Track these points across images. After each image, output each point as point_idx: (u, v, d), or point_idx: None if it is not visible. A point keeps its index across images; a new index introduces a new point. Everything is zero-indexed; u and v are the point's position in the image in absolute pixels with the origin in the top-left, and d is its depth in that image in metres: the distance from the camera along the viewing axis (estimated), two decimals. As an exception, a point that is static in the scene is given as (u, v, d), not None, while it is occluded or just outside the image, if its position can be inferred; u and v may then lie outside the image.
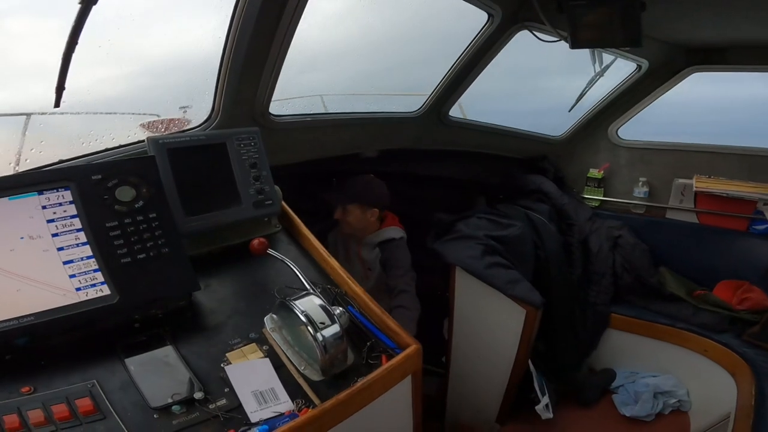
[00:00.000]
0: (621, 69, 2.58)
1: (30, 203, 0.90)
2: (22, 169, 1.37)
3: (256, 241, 1.21)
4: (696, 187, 2.64)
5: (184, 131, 1.50)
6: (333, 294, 1.25)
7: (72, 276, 0.92)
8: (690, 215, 2.71)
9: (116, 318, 1.00)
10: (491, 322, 2.02)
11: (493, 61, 2.18)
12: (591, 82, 2.55)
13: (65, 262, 0.92)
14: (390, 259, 2.12)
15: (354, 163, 2.34)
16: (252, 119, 1.57)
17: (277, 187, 1.38)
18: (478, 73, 2.20)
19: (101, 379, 0.91)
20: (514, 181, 2.77)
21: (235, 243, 1.33)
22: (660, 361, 2.37)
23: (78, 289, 0.93)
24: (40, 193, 0.91)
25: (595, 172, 2.92)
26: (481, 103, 2.71)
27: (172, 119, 1.97)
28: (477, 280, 1.97)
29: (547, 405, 2.04)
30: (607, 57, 2.41)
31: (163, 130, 1.88)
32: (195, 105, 1.79)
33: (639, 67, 2.52)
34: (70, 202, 0.93)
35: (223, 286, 1.22)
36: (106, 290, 0.95)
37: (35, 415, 0.81)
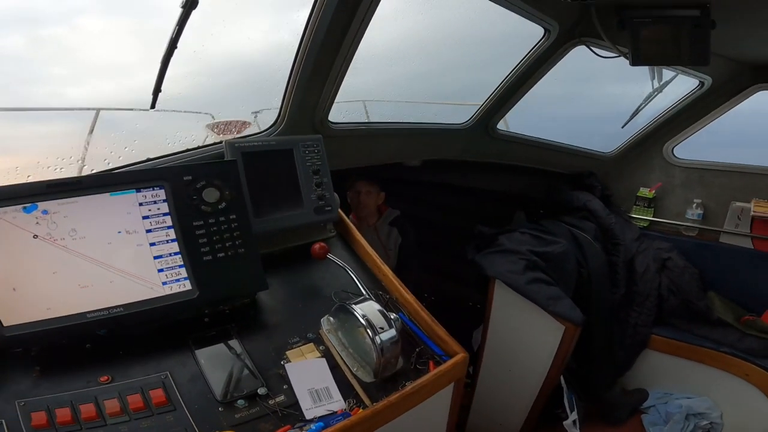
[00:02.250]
0: (681, 85, 2.54)
1: (128, 200, 1.02)
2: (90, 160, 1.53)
3: (317, 246, 1.29)
4: (754, 212, 2.58)
5: (247, 136, 1.60)
6: (385, 300, 1.32)
7: (160, 270, 1.03)
8: (745, 240, 2.64)
9: (192, 312, 1.09)
10: (527, 337, 2.06)
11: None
12: (648, 98, 2.53)
13: (155, 257, 1.03)
14: (407, 232, 2.42)
15: (397, 172, 2.42)
16: (311, 126, 1.66)
17: (335, 194, 1.46)
18: (530, 88, 2.24)
19: (173, 370, 1.01)
20: (559, 197, 2.77)
21: (294, 245, 1.43)
22: (696, 383, 2.38)
23: (164, 284, 1.04)
24: (138, 190, 1.04)
25: (646, 192, 2.88)
26: (525, 115, 2.72)
27: (231, 121, 2.10)
28: (516, 294, 2.01)
29: (575, 421, 2.06)
30: (667, 72, 2.39)
31: (223, 130, 2.01)
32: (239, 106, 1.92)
33: (701, 83, 2.48)
34: (164, 201, 1.05)
35: (283, 286, 1.31)
36: (188, 285, 1.06)
37: (111, 405, 0.90)
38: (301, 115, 1.60)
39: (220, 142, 1.40)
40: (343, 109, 2.14)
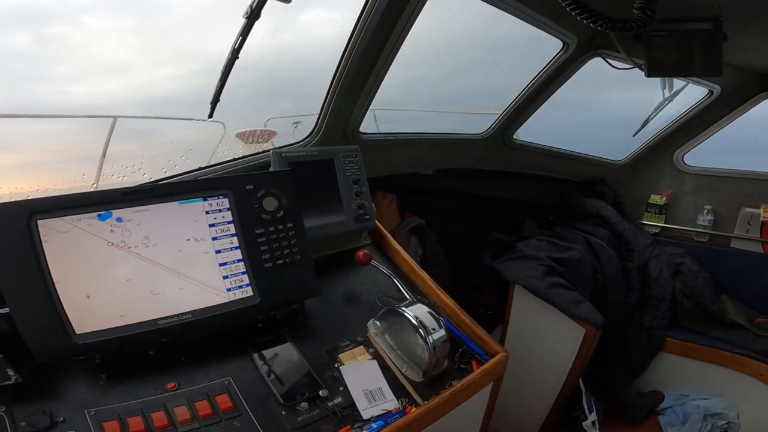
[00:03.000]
0: (690, 93, 2.63)
1: (196, 208, 1.08)
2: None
3: (361, 253, 1.36)
4: (764, 217, 2.68)
5: (289, 145, 1.67)
6: (426, 304, 1.38)
7: (225, 277, 1.10)
8: (755, 245, 2.74)
9: (252, 318, 1.15)
10: (547, 340, 2.13)
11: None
12: (659, 107, 2.63)
13: (221, 264, 1.09)
14: (428, 241, 2.43)
15: (411, 180, 2.49)
16: (344, 136, 1.73)
17: (372, 204, 1.53)
18: (547, 98, 2.34)
19: (234, 375, 1.05)
20: (571, 204, 2.86)
21: (334, 252, 1.49)
22: (712, 384, 2.45)
23: (229, 290, 1.10)
24: (205, 199, 1.09)
25: (657, 199, 2.97)
26: (537, 122, 2.80)
27: (256, 130, 2.17)
28: (535, 299, 2.09)
29: (594, 422, 2.13)
30: (677, 82, 2.48)
31: (251, 139, 2.08)
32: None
33: (711, 92, 2.58)
34: (228, 209, 1.11)
35: (327, 292, 1.38)
36: (250, 292, 1.12)
37: (181, 412, 0.92)
38: (336, 125, 1.68)
39: (266, 151, 1.47)
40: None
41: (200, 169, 1.41)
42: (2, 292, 0.93)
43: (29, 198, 0.97)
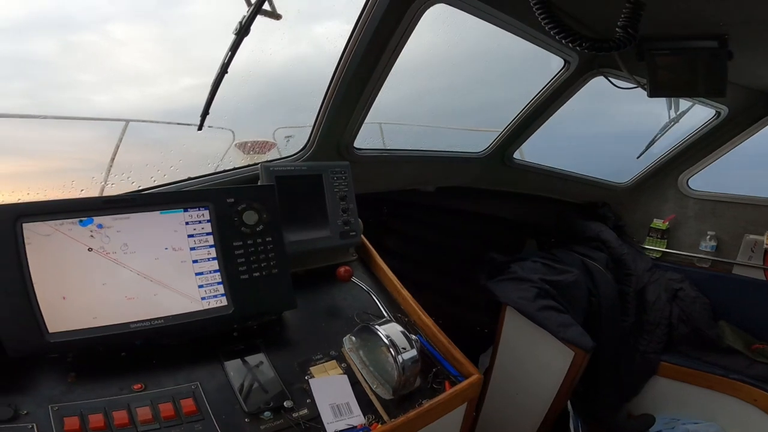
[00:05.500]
0: (697, 114, 2.62)
1: (176, 218, 1.13)
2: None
3: (342, 269, 1.39)
4: (767, 244, 2.64)
5: (279, 159, 1.72)
6: (404, 322, 1.41)
7: (200, 286, 1.14)
8: (758, 272, 2.72)
9: (225, 326, 1.18)
10: (536, 361, 2.15)
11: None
12: (664, 129, 2.62)
13: (197, 274, 1.14)
14: None
15: (411, 196, 2.51)
16: (337, 151, 1.77)
17: (359, 220, 1.55)
18: (548, 118, 2.35)
19: (203, 381, 1.09)
20: (571, 226, 2.87)
21: (317, 267, 1.52)
22: (704, 409, 2.44)
23: (203, 299, 1.14)
24: (186, 210, 1.14)
25: (659, 223, 2.95)
26: (539, 142, 2.81)
27: (257, 141, 2.23)
28: (526, 320, 2.11)
29: None
30: (684, 102, 2.46)
31: (250, 150, 2.14)
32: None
33: (718, 113, 2.56)
34: (207, 221, 1.16)
35: (307, 305, 1.41)
36: (224, 301, 1.16)
37: (143, 413, 0.95)
38: (329, 140, 1.72)
39: (255, 164, 1.51)
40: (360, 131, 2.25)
41: (189, 179, 1.45)
42: None
43: (17, 202, 1.02)
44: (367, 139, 2.11)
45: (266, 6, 1.18)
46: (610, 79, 2.17)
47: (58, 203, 1.04)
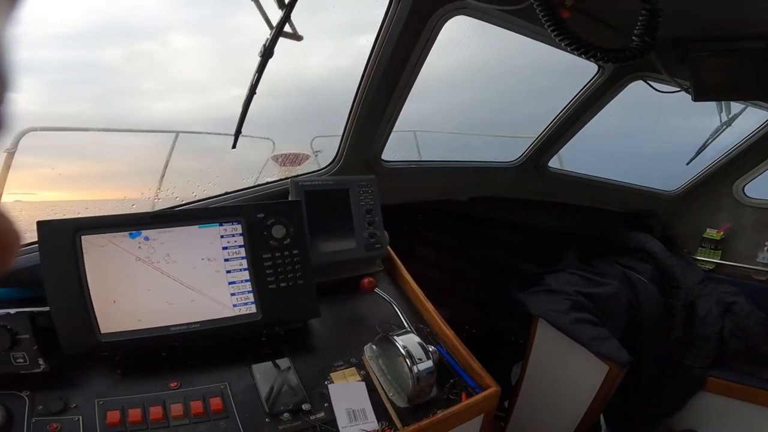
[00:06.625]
0: (751, 117, 2.46)
1: (212, 232, 1.25)
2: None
3: (366, 280, 1.45)
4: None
5: (309, 173, 1.81)
6: (425, 333, 1.45)
7: (233, 294, 1.25)
8: (822, 285, 2.50)
9: (253, 332, 1.27)
10: (568, 374, 2.13)
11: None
12: (715, 133, 2.49)
13: (230, 283, 1.25)
14: None
15: (444, 205, 2.54)
16: (365, 164, 1.84)
17: (385, 232, 1.61)
18: (584, 125, 2.31)
19: (231, 382, 1.19)
20: (615, 237, 2.78)
21: (343, 277, 1.60)
22: (753, 426, 2.31)
23: (234, 306, 1.25)
24: (221, 224, 1.26)
25: (712, 233, 2.78)
26: (579, 149, 2.74)
27: (291, 154, 2.36)
28: (559, 333, 2.09)
29: None
30: (736, 105, 2.34)
31: (285, 162, 2.27)
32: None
33: (774, 116, 2.40)
34: (240, 234, 1.27)
35: (332, 314, 1.49)
36: (253, 309, 1.26)
37: (176, 409, 1.06)
38: (356, 153, 1.80)
39: (286, 179, 1.61)
40: (393, 139, 2.31)
41: (226, 193, 1.58)
42: (46, 293, 1.12)
43: (76, 217, 1.17)
44: (399, 147, 2.17)
45: (287, 29, 1.27)
46: (650, 83, 2.11)
47: (111, 218, 1.19)
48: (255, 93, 1.35)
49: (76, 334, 1.13)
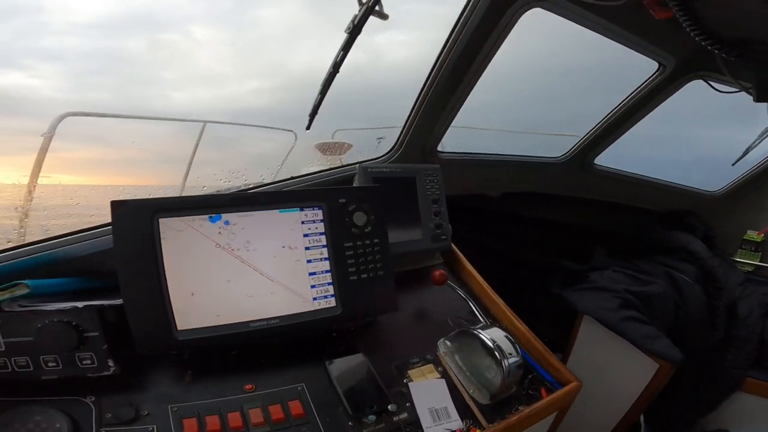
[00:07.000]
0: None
1: (293, 217, 1.19)
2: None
3: (437, 273, 1.41)
4: None
5: (372, 159, 1.76)
6: (501, 328, 1.39)
7: (313, 286, 1.19)
8: None
9: (332, 327, 1.22)
10: (613, 372, 2.11)
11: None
12: (763, 134, 2.45)
13: (310, 274, 1.19)
14: None
15: (475, 201, 2.49)
16: (422, 153, 1.79)
17: (449, 224, 1.56)
18: (635, 123, 2.27)
19: (307, 382, 1.10)
20: (653, 236, 2.73)
21: (405, 270, 1.55)
22: None
23: (314, 299, 1.19)
24: (301, 209, 1.20)
25: (753, 235, 2.76)
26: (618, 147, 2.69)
27: (335, 143, 2.30)
28: (605, 331, 2.07)
29: None
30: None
31: (327, 151, 2.22)
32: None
33: (823, 120, 2.35)
34: (321, 221, 1.21)
35: (400, 308, 1.42)
36: (333, 302, 1.21)
37: (255, 415, 0.97)
38: (416, 142, 1.75)
39: (347, 165, 1.56)
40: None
41: (292, 178, 1.53)
42: (120, 283, 1.02)
43: (153, 197, 1.10)
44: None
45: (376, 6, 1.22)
46: (710, 83, 2.06)
47: (190, 199, 1.11)
48: (338, 71, 1.29)
49: (151, 330, 1.03)
